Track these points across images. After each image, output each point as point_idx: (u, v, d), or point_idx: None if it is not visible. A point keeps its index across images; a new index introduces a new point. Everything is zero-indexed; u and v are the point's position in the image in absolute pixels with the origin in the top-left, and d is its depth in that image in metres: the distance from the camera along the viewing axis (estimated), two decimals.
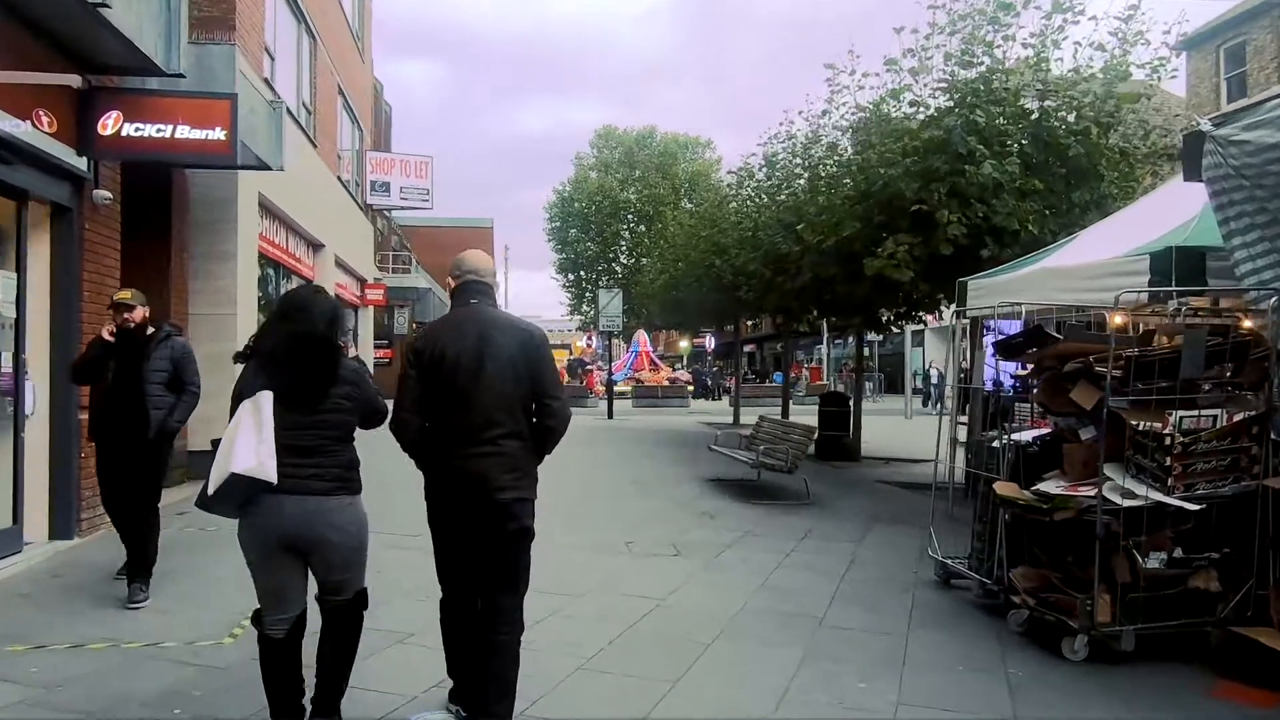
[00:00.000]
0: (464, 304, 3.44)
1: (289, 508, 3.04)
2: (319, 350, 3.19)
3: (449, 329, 3.40)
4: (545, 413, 3.40)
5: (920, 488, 11.36)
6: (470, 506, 3.29)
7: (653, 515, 8.71)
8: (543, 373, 3.39)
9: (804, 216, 12.04)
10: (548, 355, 3.47)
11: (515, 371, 3.31)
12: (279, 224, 13.66)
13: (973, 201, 9.49)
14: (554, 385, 3.43)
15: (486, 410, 3.26)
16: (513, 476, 3.30)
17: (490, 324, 3.37)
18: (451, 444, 3.28)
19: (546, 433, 3.43)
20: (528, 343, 3.37)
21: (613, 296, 23.94)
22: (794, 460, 9.65)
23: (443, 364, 3.28)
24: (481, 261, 3.57)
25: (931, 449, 15.32)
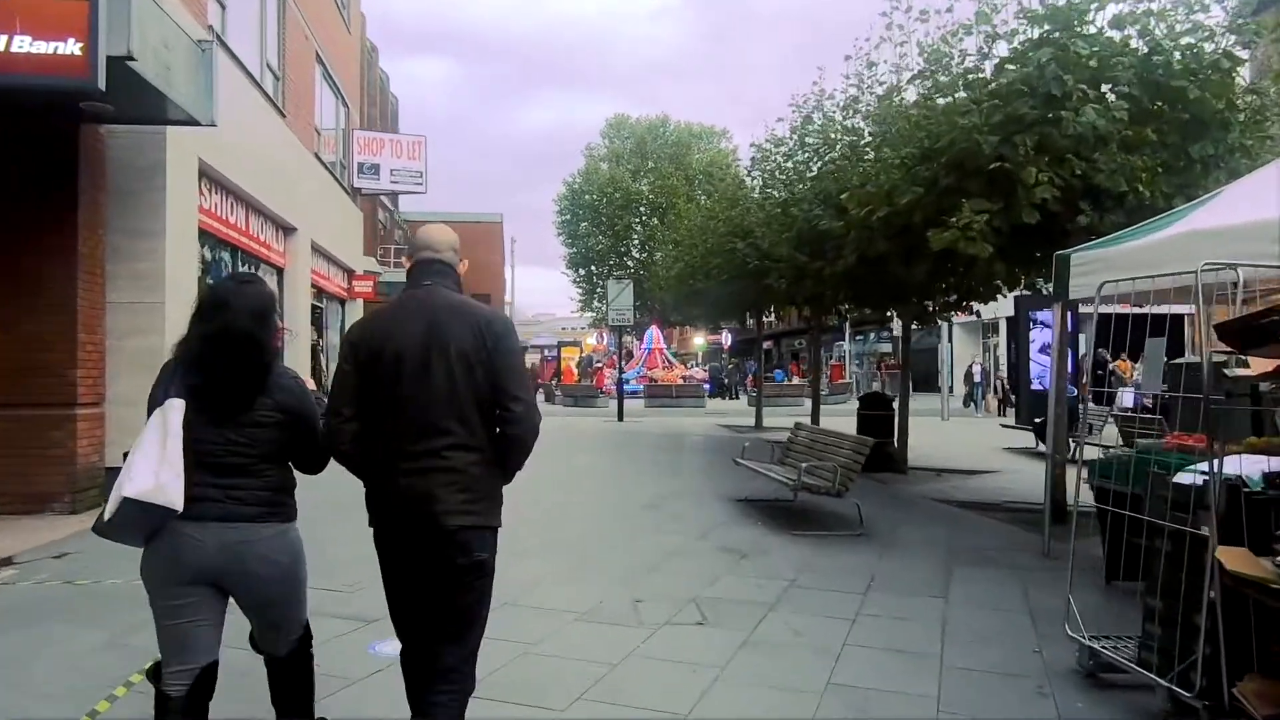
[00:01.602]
0: (415, 286, 2.88)
1: (209, 537, 2.67)
2: (240, 350, 2.73)
3: (392, 316, 2.85)
4: (507, 420, 2.78)
5: (988, 508, 9.48)
6: (411, 534, 2.73)
7: (669, 554, 6.84)
8: (505, 370, 2.77)
9: (846, 185, 10.11)
10: (512, 348, 2.84)
11: (470, 368, 2.72)
12: (234, 201, 11.85)
13: (1067, 157, 7.58)
14: (518, 385, 2.80)
15: (433, 416, 2.70)
16: (464, 498, 2.70)
17: (443, 310, 2.79)
18: (391, 457, 2.73)
19: (509, 445, 2.82)
20: (487, 332, 2.76)
21: (623, 288, 22.04)
22: (844, 482, 7.75)
23: (381, 358, 2.74)
24: (440, 235, 2.98)
25: (984, 456, 13.40)
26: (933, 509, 9.35)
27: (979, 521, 8.67)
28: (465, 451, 2.72)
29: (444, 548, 2.70)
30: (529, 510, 8.49)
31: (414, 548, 2.74)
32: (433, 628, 2.79)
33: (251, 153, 12.00)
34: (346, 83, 19.26)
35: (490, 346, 2.74)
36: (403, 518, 2.73)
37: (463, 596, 2.78)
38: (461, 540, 2.71)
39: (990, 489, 10.90)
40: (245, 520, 2.71)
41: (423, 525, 2.70)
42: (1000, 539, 7.75)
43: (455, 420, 2.71)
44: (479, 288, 61.22)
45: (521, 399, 2.80)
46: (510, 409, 2.76)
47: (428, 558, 2.73)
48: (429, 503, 2.68)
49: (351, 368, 2.78)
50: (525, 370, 3.04)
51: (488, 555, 2.80)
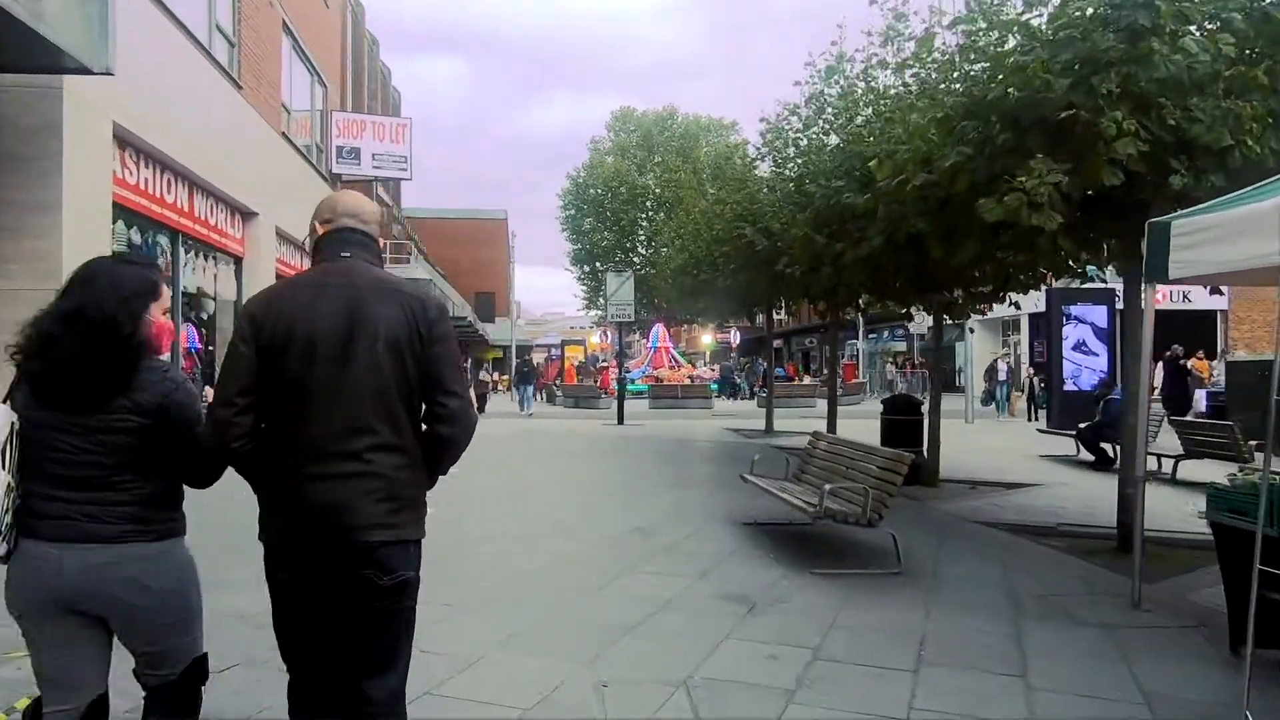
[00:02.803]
0: (332, 258, 2.46)
1: (66, 560, 2.30)
2: (98, 336, 2.30)
3: (305, 292, 2.41)
4: (438, 417, 2.42)
5: (1042, 532, 8.00)
6: (320, 552, 2.32)
7: (657, 606, 5.35)
8: (440, 360, 2.41)
9: (873, 153, 8.61)
10: (449, 335, 2.45)
11: (401, 357, 2.36)
12: (173, 177, 10.43)
13: (1159, 101, 6.09)
14: (452, 378, 2.44)
15: (354, 411, 2.32)
16: (387, 509, 2.33)
17: (369, 288, 2.40)
18: (297, 459, 2.32)
19: (440, 445, 2.45)
20: (421, 315, 2.40)
21: (623, 281, 20.56)
22: (876, 509, 6.25)
23: (291, 340, 2.32)
24: (364, 203, 2.61)
25: (1019, 465, 11.87)
26: (978, 535, 7.84)
27: (1037, 553, 7.16)
28: (391, 454, 2.38)
29: (362, 568, 2.34)
30: (487, 540, 7.04)
31: (324, 568, 2.35)
32: (352, 662, 2.42)
33: (195, 125, 10.59)
34: (323, 60, 17.83)
35: (425, 333, 2.40)
36: (310, 532, 2.34)
37: (387, 623, 2.42)
38: (382, 558, 2.35)
39: (1039, 507, 9.38)
40: (107, 540, 2.32)
41: (335, 542, 2.32)
42: (1070, 579, 6.24)
43: (381, 417, 2.37)
44: (483, 286, 59.90)
45: (458, 394, 2.46)
46: (445, 405, 2.43)
47: (342, 580, 2.35)
48: (344, 515, 2.31)
49: (250, 349, 2.36)
50: (460, 362, 2.59)
51: (413, 572, 2.45)
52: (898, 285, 11.29)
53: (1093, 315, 18.87)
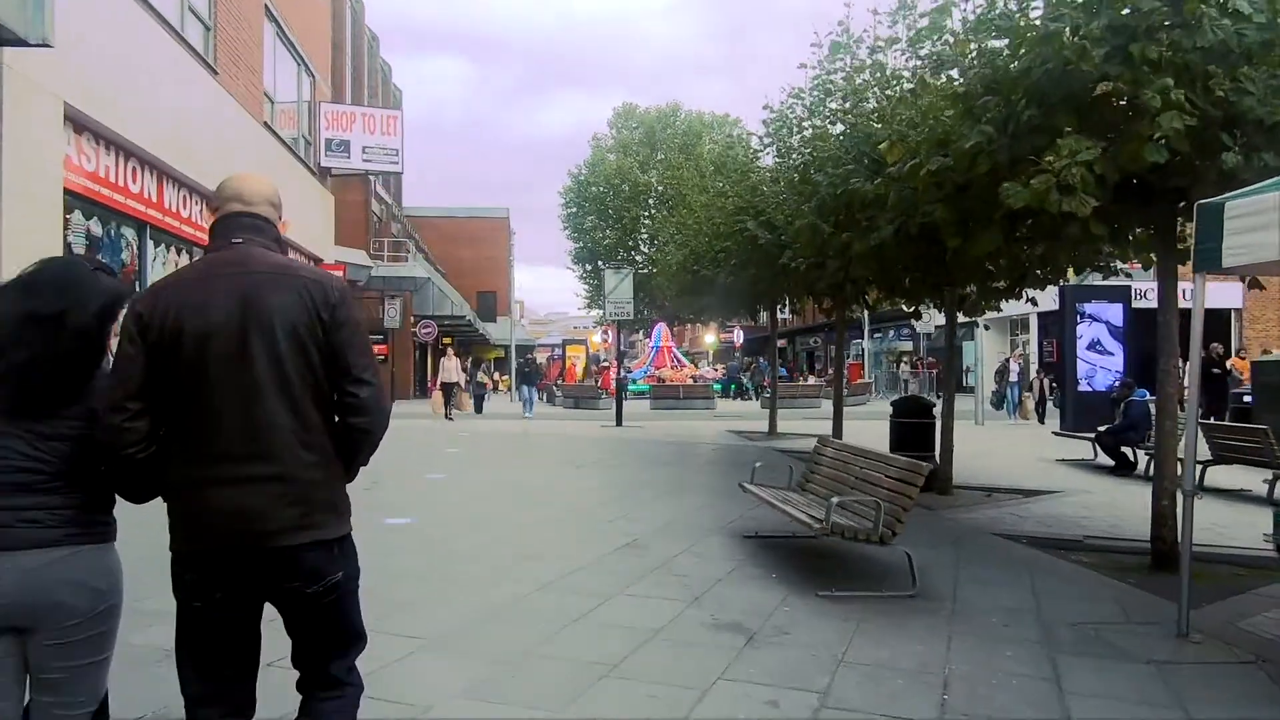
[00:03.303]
0: (222, 246, 2.33)
1: (5, 567, 2.14)
2: (74, 343, 2.23)
3: (193, 285, 2.27)
4: (348, 407, 2.30)
5: (1068, 546, 7.39)
6: (237, 561, 2.20)
7: (644, 638, 4.73)
8: (346, 345, 2.28)
9: (883, 136, 7.99)
10: (354, 318, 2.33)
11: (302, 346, 2.23)
12: (138, 165, 9.84)
13: (1208, 69, 5.47)
14: (361, 365, 2.30)
15: (256, 409, 2.19)
16: (300, 512, 2.21)
17: (262, 275, 2.26)
18: (200, 463, 2.20)
19: (354, 438, 2.34)
20: (320, 298, 2.27)
21: (621, 278, 19.92)
22: (890, 525, 5.63)
23: (181, 338, 2.18)
24: (252, 185, 2.44)
25: (1035, 470, 11.23)
26: (999, 550, 7.21)
27: (1065, 571, 6.53)
28: (301, 451, 2.22)
29: (283, 577, 2.22)
30: (468, 560, 6.42)
31: (243, 578, 2.20)
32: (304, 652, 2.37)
33: (164, 111, 10.00)
34: (311, 49, 17.23)
35: (327, 318, 2.24)
36: (222, 542, 2.18)
37: (329, 620, 2.31)
38: (303, 563, 2.21)
39: (1061, 518, 8.76)
40: (45, 545, 2.17)
41: (250, 550, 2.18)
42: (1105, 603, 5.61)
43: (288, 413, 2.22)
44: (485, 284, 59.33)
45: (368, 381, 2.31)
46: (354, 394, 2.29)
47: (263, 591, 2.25)
48: (255, 521, 2.17)
49: (138, 349, 2.20)
50: (370, 346, 2.40)
51: (343, 570, 2.31)
52: (907, 281, 10.69)
53: (1108, 313, 18.23)
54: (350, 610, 2.40)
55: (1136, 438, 11.75)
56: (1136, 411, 11.90)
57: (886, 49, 9.11)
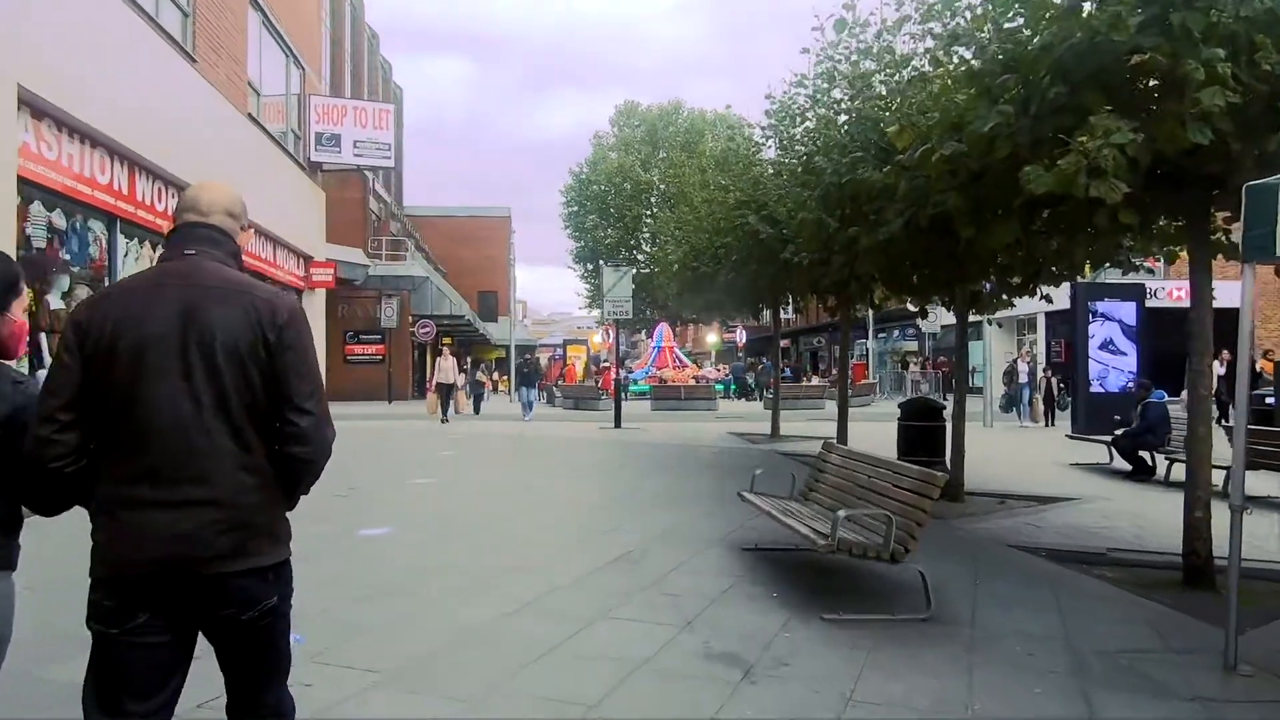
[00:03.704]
0: (174, 257, 2.25)
1: None
2: None
3: (136, 295, 2.19)
4: (289, 437, 2.19)
5: (1091, 560, 6.89)
6: (162, 586, 2.10)
7: (627, 670, 4.24)
8: (289, 371, 2.17)
9: (893, 120, 7.50)
10: (300, 343, 2.21)
11: (243, 367, 2.13)
12: (106, 155, 9.40)
13: (1255, 43, 4.98)
14: (305, 393, 2.19)
15: (193, 429, 2.10)
16: (235, 539, 2.12)
17: (209, 290, 2.17)
18: (131, 483, 2.09)
19: (293, 470, 2.23)
20: (267, 319, 2.16)
21: (620, 276, 19.41)
22: (902, 542, 5.13)
23: (116, 349, 2.10)
24: (209, 194, 2.35)
25: (1048, 475, 10.74)
26: (1018, 565, 6.70)
27: (1091, 589, 6.02)
28: (237, 474, 2.13)
29: (217, 605, 2.13)
30: (443, 574, 5.92)
31: (170, 605, 2.11)
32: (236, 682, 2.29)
33: (136, 99, 9.54)
34: (301, 40, 16.75)
35: (272, 339, 2.15)
36: (151, 567, 2.07)
37: (262, 647, 2.24)
38: (239, 590, 2.13)
39: (1081, 528, 8.25)
40: None
41: (180, 577, 2.08)
42: (1139, 627, 5.11)
43: (225, 435, 2.12)
44: (487, 284, 58.86)
45: (308, 411, 2.19)
46: (294, 423, 2.17)
47: (194, 618, 2.16)
48: (186, 547, 2.07)
49: (74, 359, 2.12)
50: (317, 372, 2.29)
51: (277, 596, 2.23)
52: (915, 278, 10.18)
53: (1120, 312, 17.69)
54: (282, 634, 2.32)
55: (1156, 441, 11.23)
56: (1155, 414, 11.38)
57: (895, 31, 8.61)
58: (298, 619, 5.06)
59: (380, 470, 12.09)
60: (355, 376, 32.82)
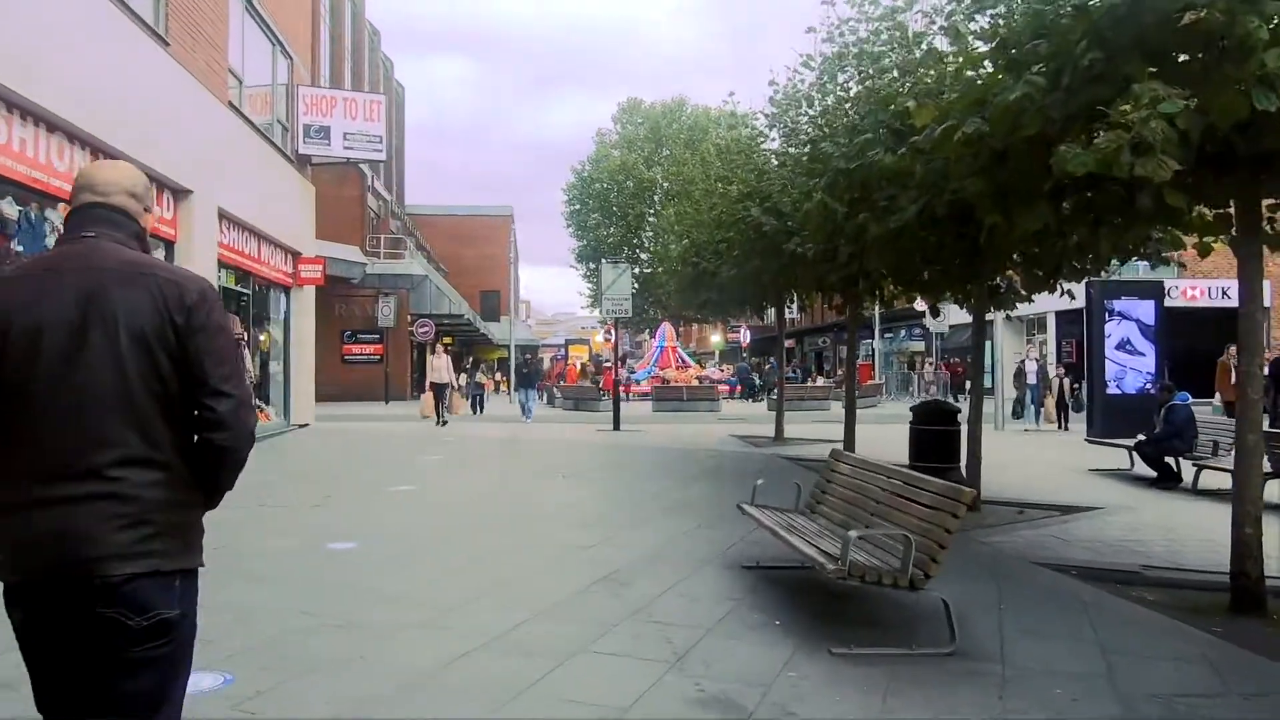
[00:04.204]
0: (72, 240, 2.15)
1: None
2: None
3: (31, 281, 2.08)
4: (204, 422, 2.05)
5: (1126, 579, 6.28)
6: (57, 590, 1.94)
7: (608, 712, 3.63)
8: (203, 354, 2.05)
9: (909, 98, 6.89)
10: (214, 324, 2.09)
11: (150, 353, 2.00)
12: (67, 141, 8.82)
13: None
14: (222, 376, 2.06)
15: (92, 420, 1.97)
16: (135, 536, 1.95)
17: (111, 272, 2.05)
18: (26, 479, 1.96)
19: (214, 459, 2.08)
20: (174, 303, 2.03)
21: (620, 273, 18.80)
22: (922, 567, 4.51)
23: (8, 339, 1.98)
24: (107, 173, 2.22)
25: (1067, 482, 10.10)
26: (1046, 585, 6.07)
27: (1130, 614, 5.40)
28: (143, 469, 1.99)
29: (106, 607, 1.91)
30: (397, 597, 5.30)
31: (63, 611, 1.93)
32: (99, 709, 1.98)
33: (97, 82, 8.97)
34: (288, 28, 16.17)
35: (180, 321, 2.02)
36: (43, 567, 1.93)
37: (139, 672, 1.95)
38: (132, 594, 1.92)
39: (1109, 541, 7.63)
40: None
41: (72, 578, 1.91)
42: (1192, 663, 4.48)
43: (128, 425, 1.99)
44: (489, 283, 58.38)
45: (226, 394, 2.06)
46: (212, 408, 2.04)
47: (86, 623, 1.92)
48: (81, 545, 1.91)
49: None
50: (235, 355, 2.17)
51: (177, 611, 2.00)
52: (927, 274, 9.58)
53: (1138, 310, 17.01)
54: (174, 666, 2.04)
55: (1183, 447, 10.60)
56: (1180, 417, 10.75)
57: (910, 5, 8.00)
58: (237, 653, 4.52)
59: (362, 476, 11.50)
60: (353, 376, 32.30)
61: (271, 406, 16.71)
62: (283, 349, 16.99)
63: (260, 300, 15.93)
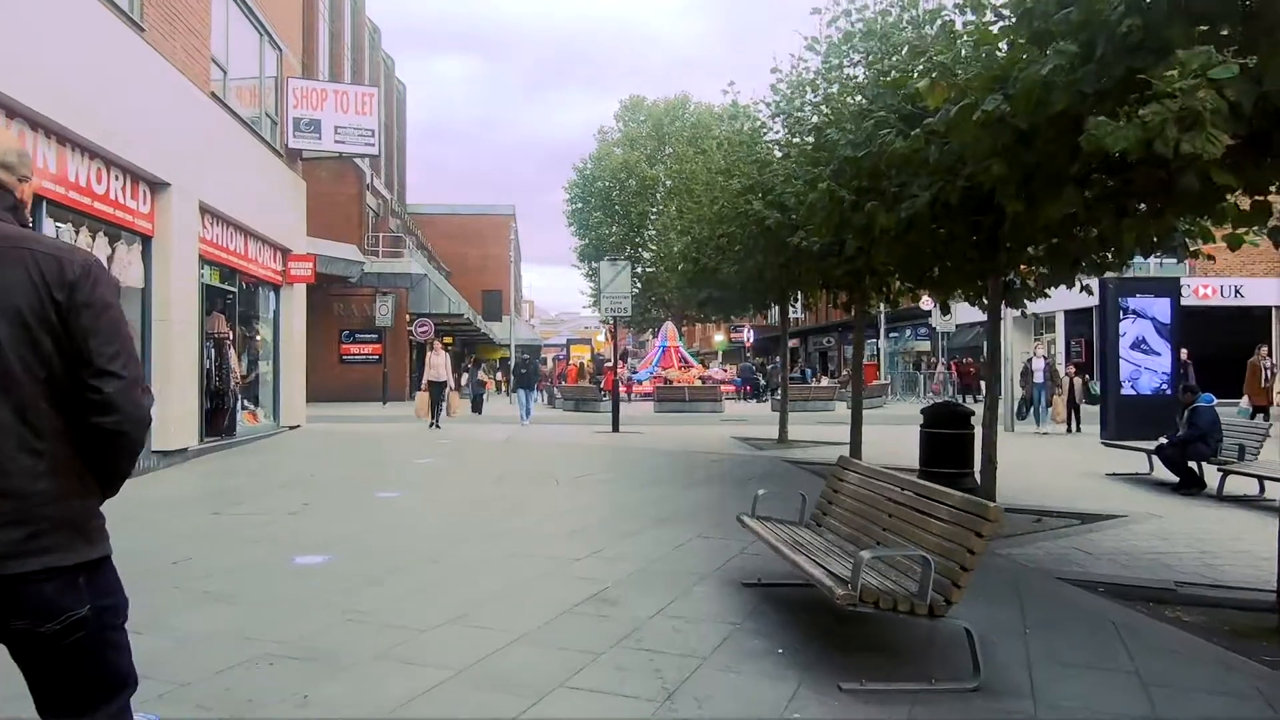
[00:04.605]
0: None
1: None
2: None
3: None
4: (91, 404, 1.93)
5: (1157, 597, 5.80)
6: None
7: None
8: (86, 332, 1.93)
9: (925, 70, 6.38)
10: (98, 299, 1.96)
11: (29, 333, 1.90)
12: (29, 129, 8.33)
13: None
14: (107, 354, 1.93)
15: None
16: (24, 532, 1.86)
17: None
18: None
19: (100, 443, 1.96)
20: (54, 279, 1.93)
21: (619, 271, 18.29)
22: (944, 592, 4.02)
23: None
24: None
25: (1083, 486, 9.55)
26: (1073, 605, 5.57)
27: (1168, 639, 4.90)
28: (24, 458, 1.87)
29: (7, 613, 1.84)
30: (361, 618, 4.81)
31: None
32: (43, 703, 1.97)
33: (62, 67, 8.50)
34: (276, 18, 15.69)
35: (62, 299, 1.91)
36: None
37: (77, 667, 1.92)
38: (32, 596, 1.84)
39: (1136, 553, 7.13)
40: None
41: None
42: (1246, 699, 3.99)
43: (9, 413, 1.88)
44: (492, 283, 57.93)
45: (113, 373, 1.93)
46: (98, 389, 1.92)
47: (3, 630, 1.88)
48: None
49: None
50: (124, 333, 2.00)
51: (87, 606, 1.91)
52: (937, 271, 9.07)
53: (1154, 309, 16.49)
54: (106, 652, 1.98)
55: (1208, 450, 10.09)
56: (1205, 419, 10.24)
57: None
58: (171, 690, 4.04)
59: (346, 480, 11.03)
60: (351, 376, 31.86)
61: (261, 408, 16.24)
62: (272, 348, 16.52)
63: (248, 299, 15.46)
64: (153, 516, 7.78)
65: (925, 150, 6.30)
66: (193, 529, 7.52)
